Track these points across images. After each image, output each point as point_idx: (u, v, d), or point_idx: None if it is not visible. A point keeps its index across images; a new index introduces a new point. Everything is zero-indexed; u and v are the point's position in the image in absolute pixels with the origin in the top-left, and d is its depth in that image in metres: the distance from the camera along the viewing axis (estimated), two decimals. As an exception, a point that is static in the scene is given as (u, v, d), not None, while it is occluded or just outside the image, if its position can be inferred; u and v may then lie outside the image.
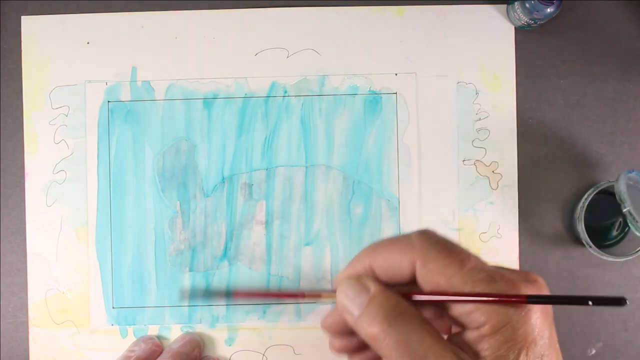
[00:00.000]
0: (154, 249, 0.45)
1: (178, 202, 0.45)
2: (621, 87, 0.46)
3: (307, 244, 0.45)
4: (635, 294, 0.45)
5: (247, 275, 0.44)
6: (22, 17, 0.45)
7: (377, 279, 0.24)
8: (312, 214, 0.45)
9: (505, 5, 0.45)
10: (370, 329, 0.23)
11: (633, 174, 0.39)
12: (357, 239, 0.45)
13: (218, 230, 0.45)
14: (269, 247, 0.45)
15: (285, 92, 0.45)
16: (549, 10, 0.41)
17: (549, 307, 0.23)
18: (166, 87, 0.45)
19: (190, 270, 0.44)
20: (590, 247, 0.42)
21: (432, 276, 0.23)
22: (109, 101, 0.45)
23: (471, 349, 0.22)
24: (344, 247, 0.44)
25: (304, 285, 0.44)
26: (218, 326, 0.45)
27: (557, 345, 0.23)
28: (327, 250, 0.44)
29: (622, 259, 0.42)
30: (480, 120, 0.45)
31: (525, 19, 0.43)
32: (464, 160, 0.45)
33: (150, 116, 0.45)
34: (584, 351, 0.45)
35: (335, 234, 0.45)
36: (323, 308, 0.44)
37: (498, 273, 0.23)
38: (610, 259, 0.42)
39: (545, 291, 0.23)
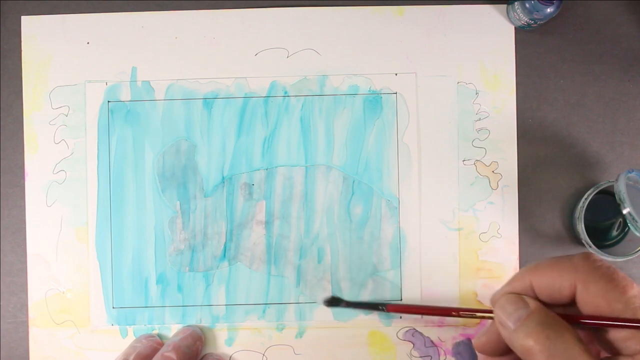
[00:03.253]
0: (154, 249, 0.45)
1: (178, 202, 0.45)
2: (621, 87, 0.46)
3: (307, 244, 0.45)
4: (635, 294, 0.45)
5: (247, 275, 0.44)
6: (22, 17, 0.45)
7: (536, 298, 0.25)
8: (312, 214, 0.45)
9: (505, 5, 0.45)
10: (526, 341, 0.23)
11: (633, 174, 0.39)
12: (357, 239, 0.45)
13: (218, 230, 0.45)
14: (269, 247, 0.45)
15: (285, 92, 0.45)
16: (549, 10, 0.41)
17: None
18: (166, 87, 0.45)
19: (191, 270, 0.45)
20: (590, 247, 0.42)
21: (593, 299, 0.23)
22: (109, 101, 0.45)
23: None
24: (344, 247, 0.44)
25: (304, 286, 0.44)
26: (218, 326, 0.45)
27: None
28: (327, 250, 0.44)
29: (622, 259, 0.42)
30: (480, 120, 0.45)
31: (525, 19, 0.43)
32: (464, 160, 0.45)
33: (150, 116, 0.45)
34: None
35: (335, 234, 0.45)
36: (322, 309, 0.44)
37: None
38: (610, 258, 0.41)
39: None
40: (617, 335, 0.23)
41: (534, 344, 0.23)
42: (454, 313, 0.30)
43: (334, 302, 0.40)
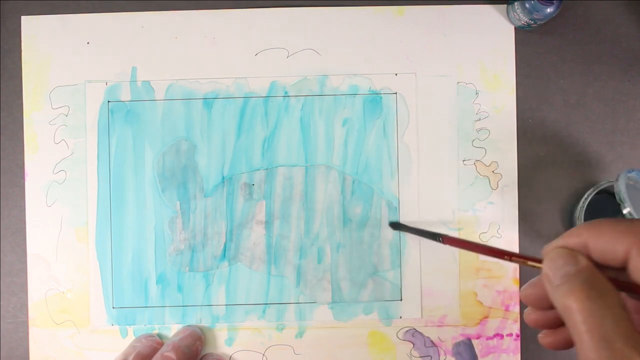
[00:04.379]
0: (154, 249, 0.45)
1: (178, 202, 0.45)
2: (621, 87, 0.46)
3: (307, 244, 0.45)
4: (635, 294, 0.45)
5: (247, 275, 0.44)
6: (22, 17, 0.45)
7: (589, 257, 0.24)
8: (312, 214, 0.45)
9: (505, 5, 0.45)
10: (566, 298, 0.22)
11: (633, 174, 0.39)
12: (357, 239, 0.45)
13: (218, 230, 0.45)
14: (269, 247, 0.45)
15: (285, 92, 0.45)
16: (549, 10, 0.41)
17: None
18: (166, 87, 0.45)
19: (191, 270, 0.45)
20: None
21: None
22: (109, 101, 0.45)
23: None
24: (344, 247, 0.44)
25: (304, 286, 0.44)
26: (218, 326, 0.45)
27: None
28: (327, 250, 0.44)
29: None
30: (480, 120, 0.45)
31: (525, 19, 0.43)
32: (464, 160, 0.45)
33: (150, 116, 0.45)
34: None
35: (335, 234, 0.45)
36: (322, 309, 0.44)
37: None
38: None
39: None
40: None
41: (573, 302, 0.22)
42: (506, 257, 0.29)
43: (396, 226, 0.44)
